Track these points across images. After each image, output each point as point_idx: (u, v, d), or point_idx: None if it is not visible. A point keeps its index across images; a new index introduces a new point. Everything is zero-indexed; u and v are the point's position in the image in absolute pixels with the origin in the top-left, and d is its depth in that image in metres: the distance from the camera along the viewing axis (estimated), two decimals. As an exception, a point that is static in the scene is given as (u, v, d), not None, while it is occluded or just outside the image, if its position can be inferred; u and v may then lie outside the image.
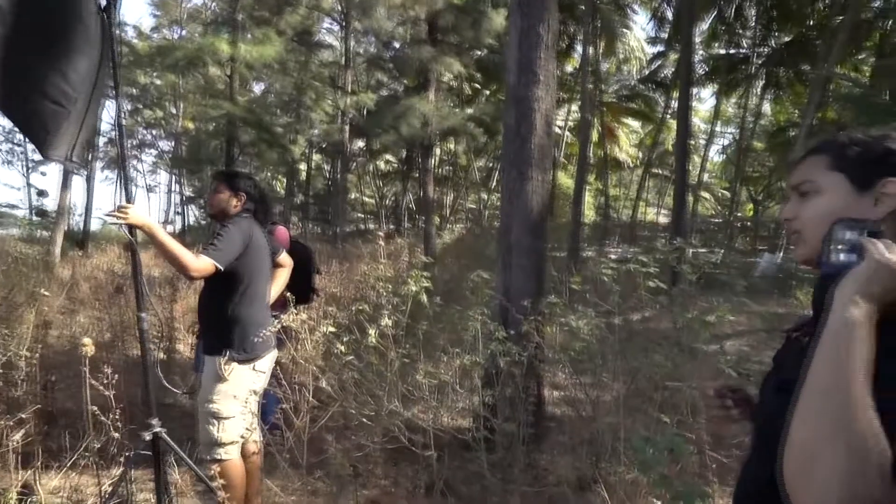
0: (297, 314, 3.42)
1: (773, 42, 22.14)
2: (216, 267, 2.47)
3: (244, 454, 2.77)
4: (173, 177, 31.07)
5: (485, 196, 26.69)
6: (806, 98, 16.29)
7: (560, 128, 25.36)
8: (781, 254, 15.90)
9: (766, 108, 27.09)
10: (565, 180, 27.42)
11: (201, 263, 2.44)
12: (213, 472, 2.06)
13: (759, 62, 22.50)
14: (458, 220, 32.02)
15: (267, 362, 2.75)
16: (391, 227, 25.45)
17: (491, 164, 27.97)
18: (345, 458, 2.90)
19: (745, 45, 22.75)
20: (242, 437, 2.69)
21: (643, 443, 1.83)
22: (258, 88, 24.41)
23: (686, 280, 3.13)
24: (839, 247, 0.83)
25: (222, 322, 2.62)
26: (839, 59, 14.91)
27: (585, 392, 3.37)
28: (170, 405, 4.27)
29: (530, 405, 3.37)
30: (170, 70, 15.96)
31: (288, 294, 3.28)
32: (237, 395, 2.58)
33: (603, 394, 3.39)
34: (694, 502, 1.72)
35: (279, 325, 2.96)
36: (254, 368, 2.64)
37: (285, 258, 3.20)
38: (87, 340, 2.33)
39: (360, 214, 35.83)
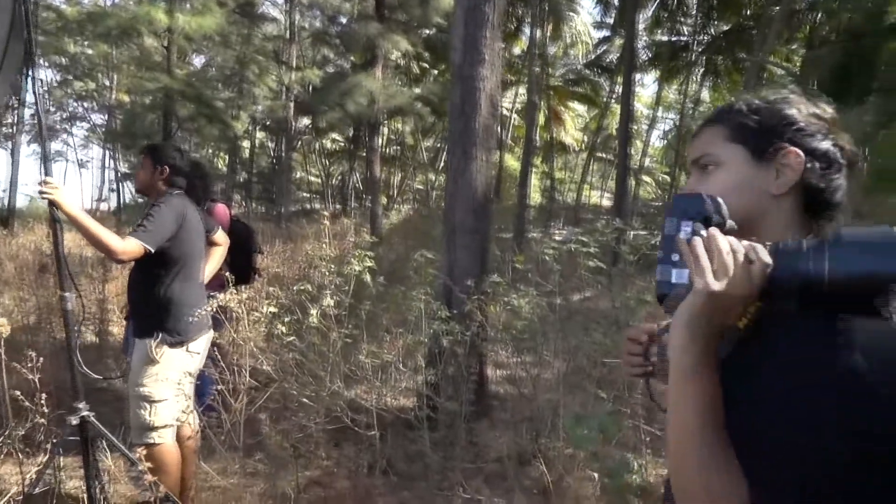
0: (235, 294, 3.33)
1: (712, 30, 22.82)
2: (146, 249, 2.36)
3: (179, 438, 2.69)
4: (107, 152, 29.55)
5: (432, 177, 26.62)
6: (742, 86, 16.88)
7: (507, 110, 25.49)
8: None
9: (706, 94, 27.96)
10: (512, 162, 27.62)
11: (129, 246, 2.33)
12: (138, 455, 1.98)
13: (699, 50, 23.18)
14: (406, 201, 31.86)
15: (201, 344, 2.67)
16: (337, 206, 25.09)
17: (439, 145, 27.88)
18: (284, 439, 2.86)
19: (686, 33, 23.37)
20: (178, 420, 2.60)
21: (573, 421, 1.88)
22: (198, 61, 23.44)
23: (624, 260, 3.21)
24: (671, 257, 0.76)
25: (153, 304, 2.52)
26: (772, 48, 15.51)
27: (526, 370, 3.43)
28: (102, 389, 4.10)
29: (472, 384, 3.40)
30: (101, 39, 15.07)
31: (226, 274, 3.19)
32: (169, 378, 2.49)
33: (544, 371, 3.46)
34: (622, 476, 1.77)
35: (216, 306, 2.87)
36: (187, 350, 2.56)
37: (221, 236, 3.09)
38: (1, 321, 2.19)
39: (305, 194, 35.14)
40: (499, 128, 25.02)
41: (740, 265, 0.68)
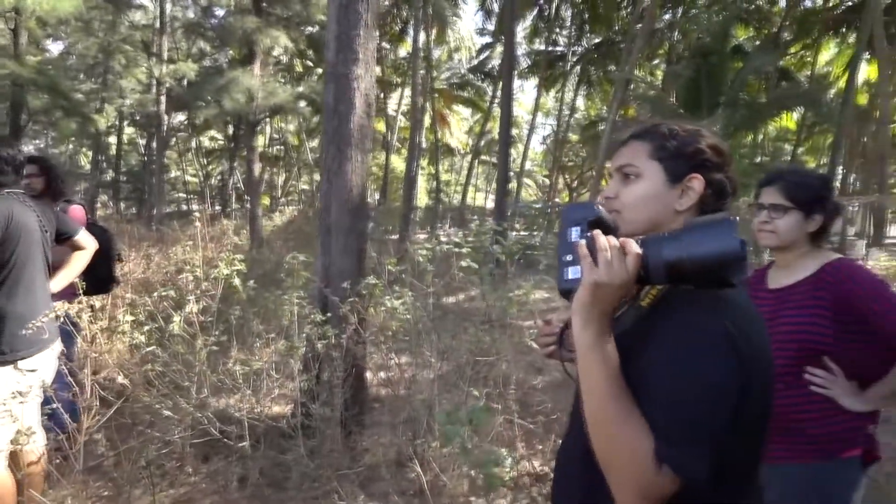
0: (86, 303, 3.04)
1: (585, 42, 24.23)
2: None
3: (17, 465, 2.41)
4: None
5: (318, 177, 26.04)
6: (612, 96, 18.04)
7: (394, 111, 25.51)
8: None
9: (580, 102, 29.64)
10: (399, 164, 27.69)
11: None
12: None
13: (574, 60, 24.53)
14: (291, 202, 30.93)
15: (39, 360, 2.39)
16: (217, 208, 23.82)
17: (324, 145, 27.28)
18: (141, 456, 2.65)
19: (563, 44, 24.64)
20: (12, 444, 2.33)
21: (444, 416, 1.89)
22: (56, 48, 21.27)
23: (495, 260, 3.30)
24: (566, 258, 0.90)
25: None
26: (637, 63, 16.72)
27: (400, 371, 3.43)
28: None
29: (350, 388, 3.35)
30: (-69, 18, 13.29)
31: (76, 281, 2.89)
32: (-4, 400, 2.22)
33: (420, 372, 3.48)
34: (491, 469, 1.81)
35: (63, 317, 2.60)
36: (15, 368, 2.28)
37: (84, 239, 2.80)
38: None
39: (182, 194, 33.12)
40: (385, 129, 24.99)
41: (616, 257, 0.83)
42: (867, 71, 22.22)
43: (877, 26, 13.26)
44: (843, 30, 20.14)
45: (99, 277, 3.54)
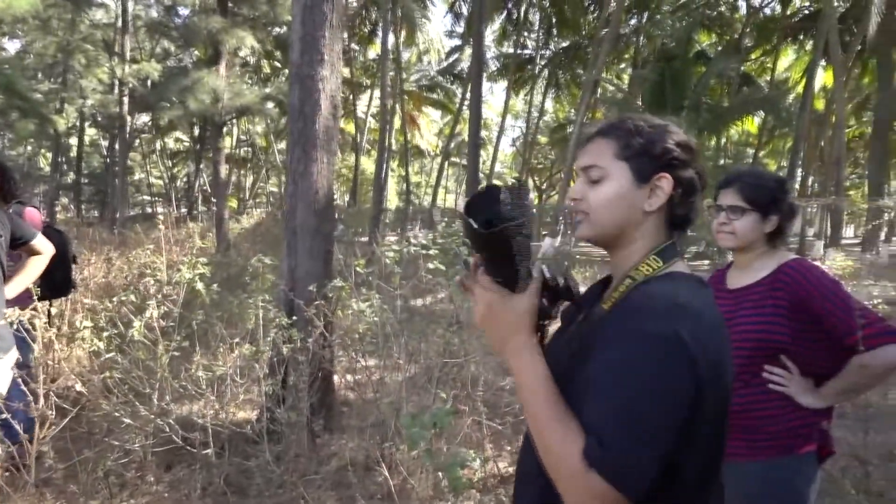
0: (41, 309, 2.95)
1: (553, 46, 24.50)
2: None
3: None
4: None
5: (285, 179, 25.79)
6: (579, 99, 18.28)
7: (363, 113, 25.39)
8: (560, 238, 17.74)
9: (549, 105, 29.92)
10: (369, 166, 27.57)
11: None
12: None
13: (543, 63, 24.76)
14: (259, 205, 30.54)
15: None
16: (183, 210, 23.37)
17: (293, 147, 27.03)
18: (98, 466, 2.57)
19: (531, 47, 24.86)
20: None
21: (410, 419, 1.88)
22: (12, 47, 20.61)
23: (464, 262, 3.29)
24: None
25: None
26: (604, 66, 16.96)
27: (368, 374, 3.40)
28: None
29: (317, 392, 3.31)
30: None
31: (31, 286, 2.80)
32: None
33: (388, 375, 3.46)
34: (456, 471, 1.81)
35: (13, 323, 2.52)
36: None
37: (41, 244, 2.71)
38: None
39: (146, 197, 32.42)
40: (355, 131, 24.86)
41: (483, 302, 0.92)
42: (823, 77, 22.97)
43: (832, 34, 13.72)
44: (801, 37, 20.81)
45: (56, 281, 3.43)
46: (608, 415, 0.78)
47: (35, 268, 2.70)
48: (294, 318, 3.27)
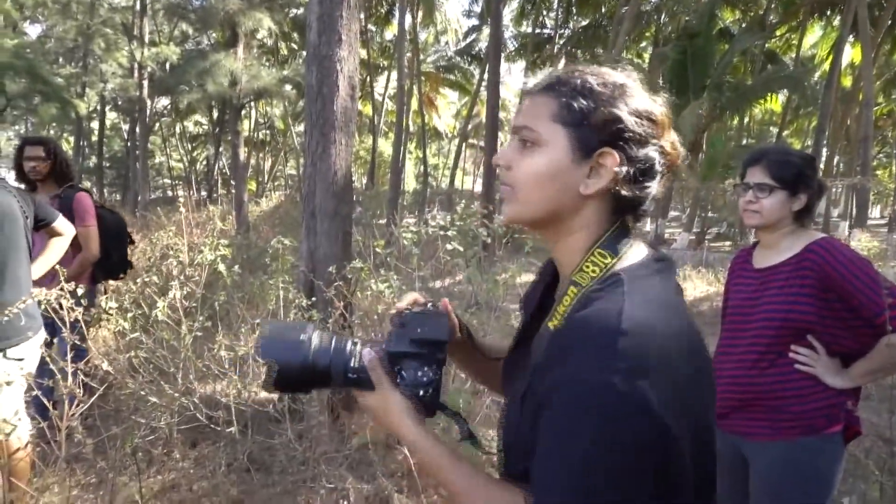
0: (66, 291, 3.01)
1: (572, 25, 24.11)
2: None
3: (1, 453, 2.39)
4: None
5: (304, 162, 25.84)
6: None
7: (380, 95, 25.29)
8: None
9: (568, 85, 29.49)
10: (386, 148, 27.53)
11: None
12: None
13: (561, 43, 24.40)
14: (278, 187, 30.70)
15: (25, 348, 2.37)
16: (203, 193, 23.60)
17: (311, 130, 27.06)
18: (126, 443, 2.64)
19: (550, 26, 24.49)
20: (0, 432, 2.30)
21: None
22: (34, 31, 20.83)
23: (482, 243, 3.30)
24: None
25: None
26: (624, 45, 16.68)
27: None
28: None
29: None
30: None
31: (57, 267, 2.86)
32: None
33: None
34: (471, 448, 1.81)
35: (41, 303, 2.57)
36: (4, 356, 2.25)
37: (62, 225, 2.76)
38: None
39: (167, 180, 32.78)
40: (372, 113, 24.81)
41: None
42: (851, 54, 22.34)
43: (861, 9, 13.31)
44: (828, 13, 20.20)
45: (113, 261, 3.55)
46: (556, 487, 0.63)
47: (57, 249, 2.76)
48: (314, 298, 3.29)
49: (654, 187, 0.78)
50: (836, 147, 23.75)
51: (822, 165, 18.74)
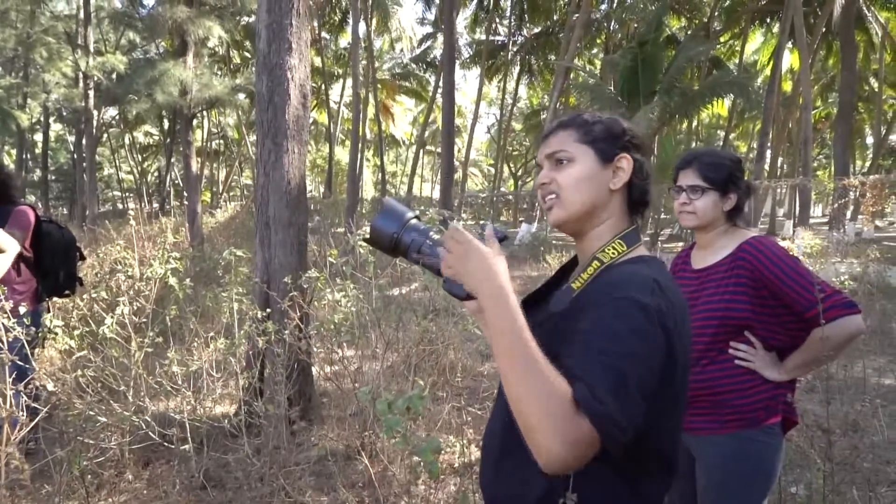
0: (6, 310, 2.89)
1: (525, 32, 24.47)
2: None
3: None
4: None
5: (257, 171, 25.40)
6: (552, 85, 18.31)
7: (336, 103, 25.13)
8: (537, 224, 17.83)
9: (523, 91, 29.93)
10: (344, 156, 27.34)
11: None
12: None
13: (515, 49, 24.73)
14: (233, 198, 30.13)
15: None
16: (155, 205, 22.95)
17: (266, 139, 26.65)
18: (74, 465, 2.54)
19: (503, 34, 24.79)
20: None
21: (384, 406, 1.90)
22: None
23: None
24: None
25: None
26: (576, 52, 17.02)
27: (344, 364, 3.40)
28: None
29: (295, 383, 3.30)
30: None
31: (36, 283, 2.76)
32: None
33: (366, 364, 3.46)
34: (429, 455, 1.82)
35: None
36: None
37: (4, 241, 2.66)
38: None
39: (116, 192, 31.79)
40: (328, 121, 24.62)
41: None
42: (790, 59, 23.34)
43: (797, 17, 13.93)
44: (768, 20, 21.09)
45: (60, 279, 3.39)
46: (599, 368, 0.80)
47: None
48: (269, 310, 3.25)
49: (649, 186, 1.07)
50: (779, 149, 24.72)
51: (766, 167, 19.47)
